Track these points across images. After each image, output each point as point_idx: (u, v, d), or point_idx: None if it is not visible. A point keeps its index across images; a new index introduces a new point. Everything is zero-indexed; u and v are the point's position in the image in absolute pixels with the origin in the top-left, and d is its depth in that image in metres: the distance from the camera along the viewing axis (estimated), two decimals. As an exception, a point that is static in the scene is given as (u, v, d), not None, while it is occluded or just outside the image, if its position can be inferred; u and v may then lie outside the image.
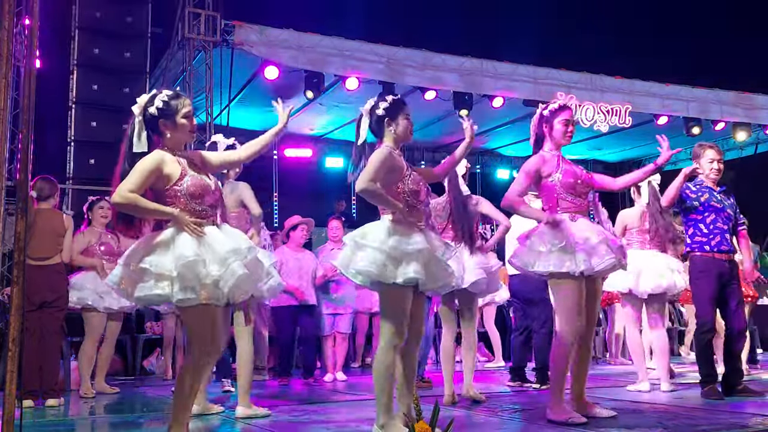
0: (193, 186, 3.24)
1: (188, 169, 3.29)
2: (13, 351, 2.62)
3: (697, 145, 5.53)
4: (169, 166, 3.24)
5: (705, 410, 4.54)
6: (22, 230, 2.70)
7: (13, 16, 2.72)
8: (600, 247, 3.99)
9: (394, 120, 3.67)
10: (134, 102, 3.41)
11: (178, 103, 3.35)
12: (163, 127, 3.34)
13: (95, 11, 9.08)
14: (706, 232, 5.23)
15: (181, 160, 3.32)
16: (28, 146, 2.75)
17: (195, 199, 3.23)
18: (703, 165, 5.36)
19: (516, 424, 4.27)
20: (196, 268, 3.08)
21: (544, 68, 11.25)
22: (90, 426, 4.70)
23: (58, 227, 5.52)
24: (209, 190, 3.29)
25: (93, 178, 8.82)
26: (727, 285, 5.23)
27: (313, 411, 4.84)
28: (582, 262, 3.96)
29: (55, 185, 5.67)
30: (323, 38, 10.00)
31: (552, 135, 4.25)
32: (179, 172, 3.25)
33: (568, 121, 4.24)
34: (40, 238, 5.33)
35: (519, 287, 6.17)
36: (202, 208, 3.25)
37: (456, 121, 5.31)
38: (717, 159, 5.36)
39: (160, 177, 3.22)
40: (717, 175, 5.35)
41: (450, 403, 4.92)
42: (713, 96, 12.31)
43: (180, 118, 3.34)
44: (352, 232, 3.63)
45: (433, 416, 3.14)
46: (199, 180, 3.28)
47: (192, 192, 3.23)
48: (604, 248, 3.99)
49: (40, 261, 5.36)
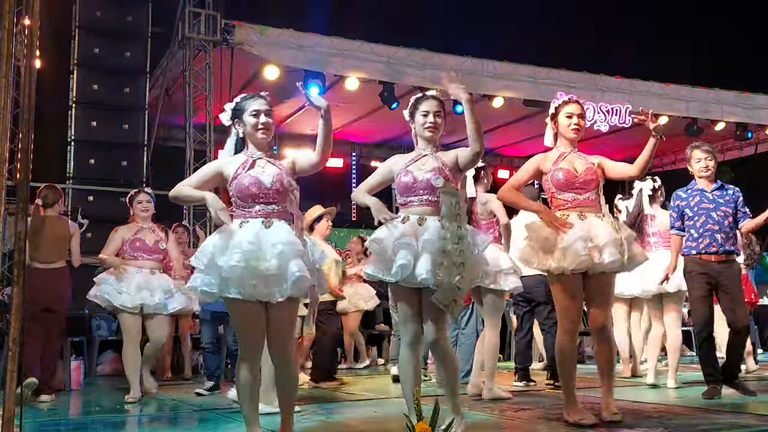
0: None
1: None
2: (13, 351, 2.61)
3: (688, 147, 5.54)
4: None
5: (705, 410, 4.54)
6: (23, 230, 2.70)
7: (13, 16, 2.72)
8: (576, 245, 3.92)
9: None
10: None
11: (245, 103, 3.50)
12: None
13: (95, 11, 9.08)
14: (696, 236, 5.27)
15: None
16: (28, 146, 2.75)
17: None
18: (693, 165, 5.40)
19: (516, 424, 4.26)
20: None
21: (544, 68, 11.25)
22: (90, 426, 4.69)
23: (63, 233, 5.76)
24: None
25: (93, 178, 8.83)
26: (720, 285, 5.22)
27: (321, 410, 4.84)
28: (557, 260, 3.96)
29: (59, 192, 5.94)
30: (323, 38, 10.00)
31: (559, 130, 4.24)
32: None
33: (572, 113, 4.20)
34: (46, 244, 5.64)
35: (527, 287, 6.17)
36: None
37: (456, 120, 5.31)
38: (704, 157, 5.34)
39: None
40: (707, 173, 5.33)
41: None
42: (713, 96, 12.31)
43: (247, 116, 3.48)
44: None
45: (433, 416, 3.13)
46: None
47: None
48: (581, 246, 3.92)
49: (46, 265, 5.64)
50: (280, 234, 3.27)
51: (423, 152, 3.73)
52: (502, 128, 12.87)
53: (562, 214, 4.06)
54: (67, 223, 5.92)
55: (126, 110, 8.97)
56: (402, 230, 3.53)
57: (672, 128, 12.26)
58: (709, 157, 5.35)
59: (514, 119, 12.16)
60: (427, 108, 3.74)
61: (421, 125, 3.74)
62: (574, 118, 4.19)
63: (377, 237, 3.60)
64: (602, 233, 3.98)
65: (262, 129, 3.44)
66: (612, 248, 3.95)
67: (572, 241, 3.93)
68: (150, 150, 9.35)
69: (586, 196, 4.10)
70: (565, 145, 4.23)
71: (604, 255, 3.94)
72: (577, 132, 4.20)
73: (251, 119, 3.43)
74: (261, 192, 3.34)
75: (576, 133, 4.19)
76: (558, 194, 4.13)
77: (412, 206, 3.62)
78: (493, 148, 14.63)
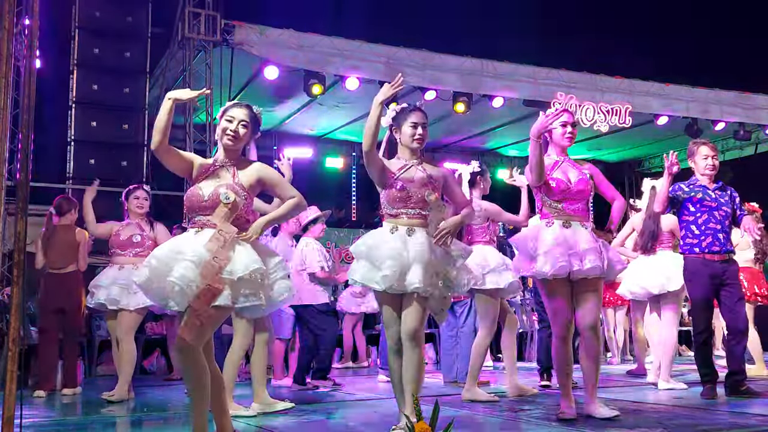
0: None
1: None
2: (13, 351, 2.61)
3: (692, 142, 5.49)
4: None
5: (705, 410, 4.54)
6: (23, 230, 2.70)
7: (13, 16, 2.72)
8: (554, 251, 4.05)
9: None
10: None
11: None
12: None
13: (95, 11, 9.07)
14: (698, 233, 5.18)
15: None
16: (28, 146, 2.75)
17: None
18: (698, 162, 5.30)
19: (516, 424, 4.27)
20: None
21: (544, 68, 11.24)
22: (90, 426, 4.69)
23: (73, 240, 6.21)
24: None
25: (93, 178, 8.80)
26: (722, 285, 5.18)
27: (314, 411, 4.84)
28: (539, 265, 4.10)
29: (73, 203, 6.43)
30: (323, 38, 9.98)
31: (553, 138, 4.32)
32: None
33: (567, 122, 4.30)
34: (58, 250, 6.17)
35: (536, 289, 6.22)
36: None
37: (456, 121, 5.32)
38: (711, 155, 5.29)
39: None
40: (712, 171, 5.27)
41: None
42: (713, 96, 12.29)
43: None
44: None
45: (433, 416, 3.13)
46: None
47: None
48: (559, 252, 4.05)
49: (58, 270, 6.18)
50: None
51: (408, 162, 3.81)
52: (502, 128, 12.89)
53: (548, 222, 4.19)
54: (76, 230, 6.27)
55: (126, 110, 8.95)
56: (391, 240, 3.64)
57: (672, 128, 12.28)
58: (716, 155, 5.35)
59: (514, 119, 12.17)
60: (416, 120, 3.83)
61: (409, 136, 3.82)
62: (569, 128, 4.32)
63: (367, 243, 3.70)
64: (582, 240, 4.12)
65: (229, 135, 3.35)
66: (592, 255, 4.08)
67: (552, 247, 4.07)
68: (150, 150, 9.34)
69: (577, 206, 4.23)
70: (558, 153, 4.34)
71: (584, 261, 4.07)
72: (571, 141, 4.32)
73: (224, 122, 3.37)
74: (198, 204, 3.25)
75: (570, 142, 4.32)
76: (550, 203, 4.22)
77: (401, 218, 3.71)
78: (493, 148, 14.62)
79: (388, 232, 3.68)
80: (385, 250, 3.61)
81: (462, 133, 13.01)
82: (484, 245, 5.41)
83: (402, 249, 3.60)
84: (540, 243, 4.12)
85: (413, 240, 3.63)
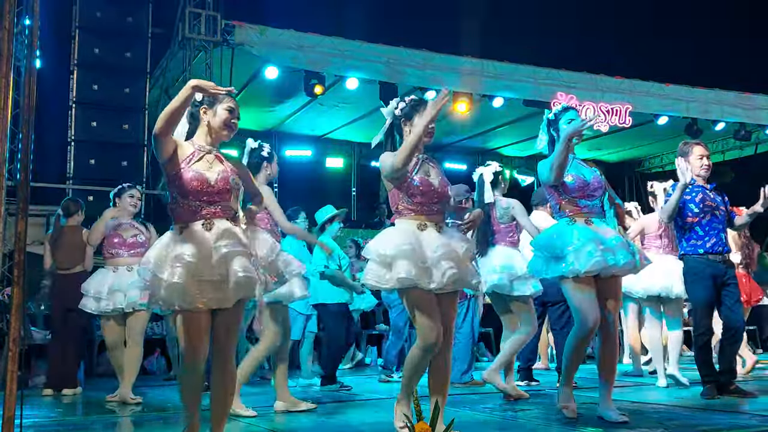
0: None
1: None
2: (13, 351, 2.62)
3: (683, 143, 5.42)
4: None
5: (705, 410, 4.54)
6: (23, 230, 2.70)
7: (13, 16, 2.72)
8: (588, 247, 3.94)
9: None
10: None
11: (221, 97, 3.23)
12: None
13: (95, 11, 9.08)
14: (702, 234, 5.15)
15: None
16: (28, 146, 2.75)
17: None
18: (693, 162, 5.23)
19: (516, 424, 4.27)
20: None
21: (544, 68, 11.24)
22: (89, 426, 4.69)
23: (80, 241, 6.23)
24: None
25: (93, 178, 8.82)
26: (723, 286, 5.18)
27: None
28: (570, 263, 3.96)
29: (78, 204, 6.50)
30: (323, 38, 9.99)
31: (560, 137, 4.23)
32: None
33: (574, 120, 4.21)
34: (65, 251, 6.26)
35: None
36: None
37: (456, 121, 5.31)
38: (706, 155, 5.27)
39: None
40: (707, 172, 5.24)
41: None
42: (713, 96, 12.30)
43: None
44: None
45: (433, 416, 3.13)
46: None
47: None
48: (593, 248, 3.94)
49: (66, 270, 6.27)
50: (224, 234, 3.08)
51: (416, 156, 3.60)
52: (502, 128, 12.89)
53: (571, 220, 4.10)
54: (82, 230, 6.29)
55: (126, 110, 8.96)
56: (425, 239, 3.48)
57: (672, 128, 12.28)
58: (709, 155, 5.34)
59: (514, 119, 12.17)
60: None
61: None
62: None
63: (401, 244, 3.44)
64: (610, 234, 4.04)
65: (232, 126, 3.27)
66: (623, 249, 4.01)
67: (584, 244, 3.96)
68: (150, 150, 9.36)
69: (594, 202, 4.17)
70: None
71: (618, 256, 3.97)
72: (580, 140, 4.21)
73: (224, 114, 3.23)
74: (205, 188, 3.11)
75: (579, 141, 4.21)
76: (570, 201, 4.13)
77: (429, 214, 3.55)
78: (493, 148, 14.62)
79: (417, 230, 3.53)
80: (432, 252, 3.47)
81: (462, 133, 13.03)
82: (511, 246, 5.35)
83: (443, 247, 3.50)
84: (567, 241, 4.00)
85: (447, 237, 3.56)
